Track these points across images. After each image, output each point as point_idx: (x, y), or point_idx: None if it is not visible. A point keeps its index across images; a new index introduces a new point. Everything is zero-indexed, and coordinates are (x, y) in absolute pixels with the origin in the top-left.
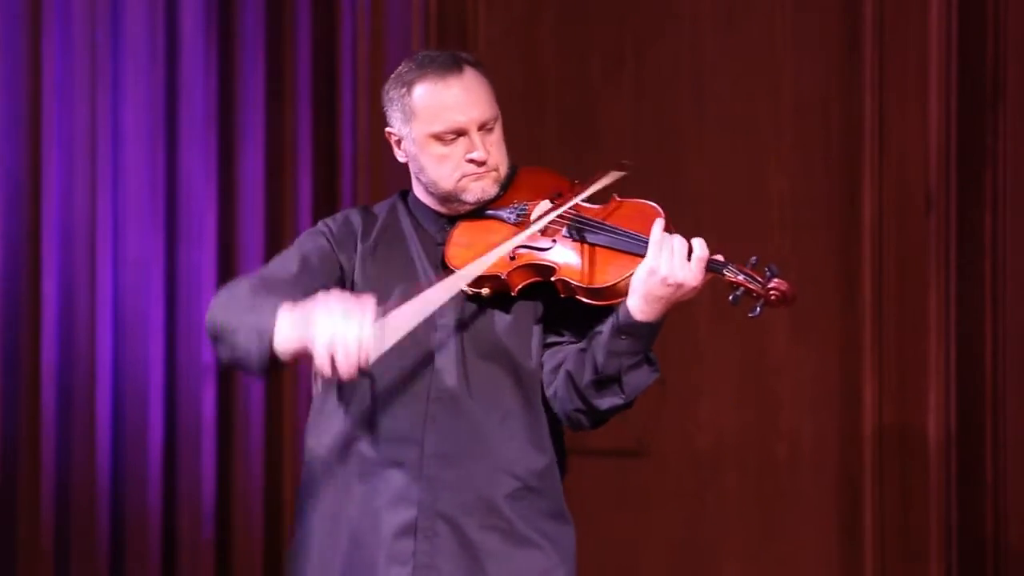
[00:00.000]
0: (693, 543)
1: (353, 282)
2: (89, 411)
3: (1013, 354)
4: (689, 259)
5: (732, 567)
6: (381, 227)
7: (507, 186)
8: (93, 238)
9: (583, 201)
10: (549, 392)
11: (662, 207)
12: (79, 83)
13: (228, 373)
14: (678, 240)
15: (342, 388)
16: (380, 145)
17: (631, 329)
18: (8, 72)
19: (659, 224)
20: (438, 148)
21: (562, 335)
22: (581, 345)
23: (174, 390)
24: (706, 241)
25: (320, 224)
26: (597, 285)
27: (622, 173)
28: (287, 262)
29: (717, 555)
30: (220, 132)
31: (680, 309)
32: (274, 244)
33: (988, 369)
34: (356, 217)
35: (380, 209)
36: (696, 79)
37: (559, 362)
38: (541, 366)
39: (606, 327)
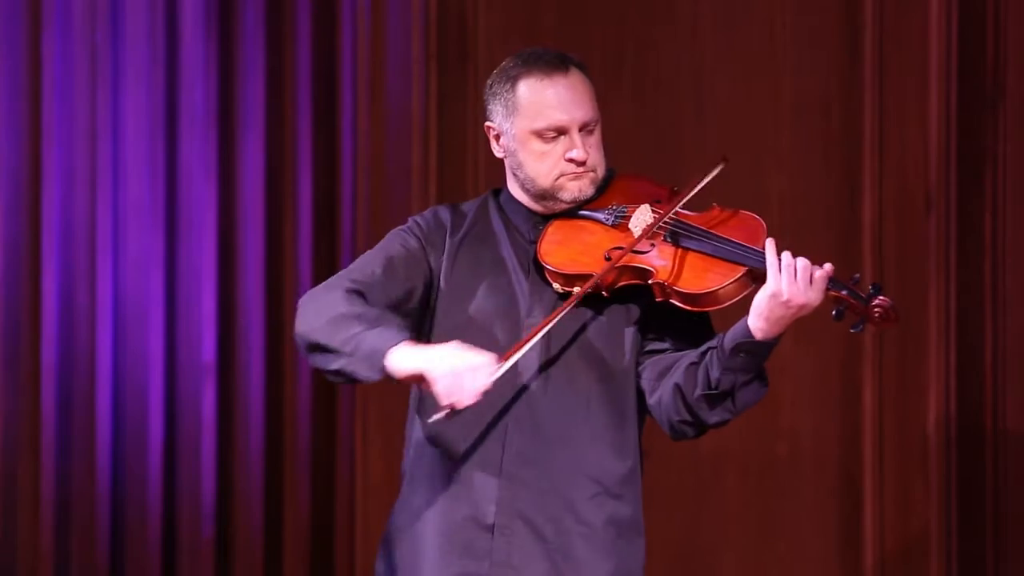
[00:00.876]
0: (693, 543)
1: (440, 280)
2: (89, 411)
3: (1013, 354)
4: (811, 280)
5: (732, 567)
6: (470, 224)
7: (603, 189)
8: (93, 238)
9: (683, 208)
10: (652, 400)
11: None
12: (79, 83)
13: (228, 373)
14: (800, 263)
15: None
16: (380, 145)
17: (750, 347)
18: (8, 72)
19: (771, 243)
20: (538, 145)
21: (664, 342)
22: (692, 359)
23: (174, 390)
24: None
25: (410, 221)
26: (695, 291)
27: (720, 167)
28: (372, 264)
29: (717, 555)
30: (220, 132)
31: None
32: (274, 244)
33: (988, 369)
34: (446, 214)
35: (470, 207)
36: (696, 79)
37: (663, 370)
38: (634, 370)
39: (723, 343)
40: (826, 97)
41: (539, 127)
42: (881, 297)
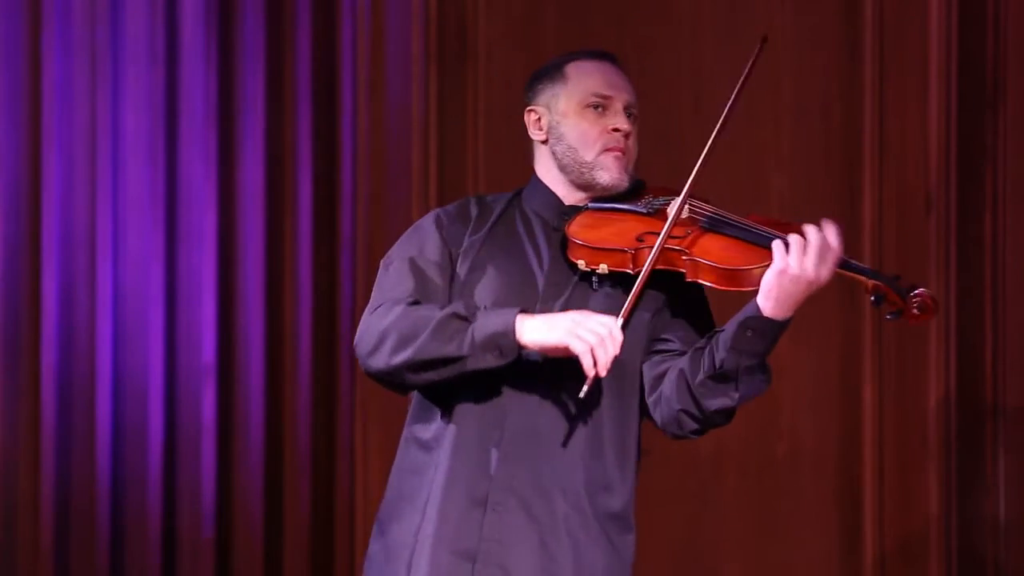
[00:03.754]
0: (693, 543)
1: (457, 273)
2: (89, 411)
3: (1013, 354)
4: (821, 256)
5: (732, 567)
6: (494, 220)
7: (632, 192)
8: (93, 238)
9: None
10: (651, 398)
11: None
12: (79, 83)
13: (228, 373)
14: (811, 238)
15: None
16: (380, 145)
17: (758, 324)
18: (8, 72)
19: (796, 231)
20: (585, 115)
21: (672, 342)
22: (698, 344)
23: (174, 390)
24: None
25: (436, 213)
26: (729, 266)
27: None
28: (404, 278)
29: (717, 555)
30: (220, 132)
31: None
32: (274, 244)
33: (988, 369)
34: (474, 208)
35: (497, 201)
36: (696, 79)
37: (663, 371)
38: (645, 360)
39: (730, 324)
40: (826, 97)
41: (587, 96)
42: (921, 289)
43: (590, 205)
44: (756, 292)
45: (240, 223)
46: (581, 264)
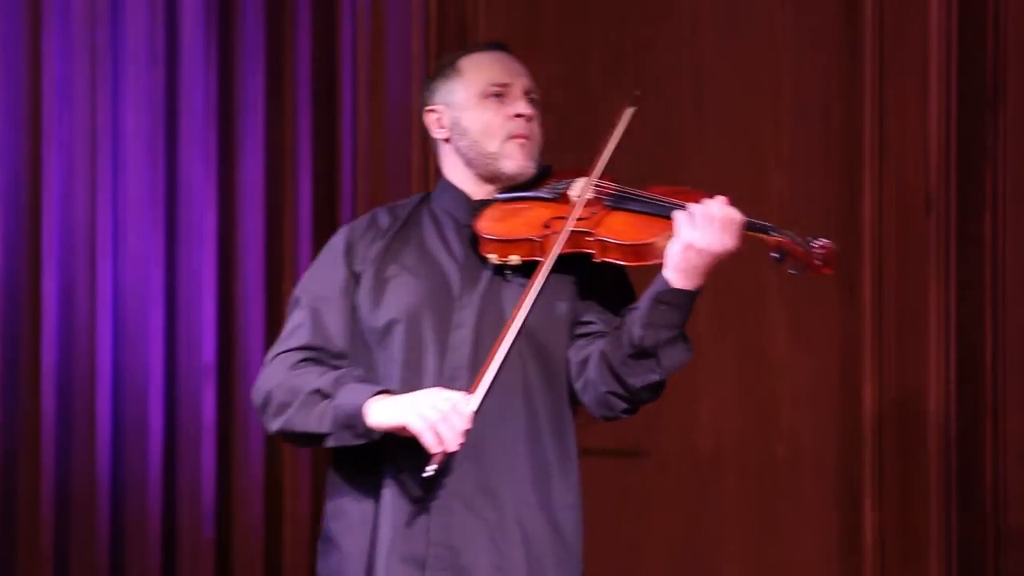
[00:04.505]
0: (693, 543)
1: (361, 285)
2: (89, 411)
3: (1013, 354)
4: (723, 226)
5: (732, 567)
6: (401, 224)
7: (540, 180)
8: (93, 238)
9: (625, 186)
10: (578, 384)
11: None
12: (79, 83)
13: (228, 373)
14: (714, 209)
15: (367, 365)
16: (380, 145)
17: (669, 297)
18: (8, 72)
19: (696, 199)
20: (484, 106)
21: (592, 324)
22: (615, 324)
23: (174, 390)
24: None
25: (344, 233)
26: (633, 242)
27: (635, 108)
28: (306, 319)
29: (717, 555)
30: (220, 132)
31: None
32: (274, 244)
33: (988, 369)
34: (384, 217)
35: (406, 205)
36: (696, 79)
37: (587, 355)
38: (565, 348)
39: (642, 300)
40: (826, 97)
41: (484, 86)
42: (824, 240)
43: (498, 197)
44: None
45: (240, 223)
46: (493, 258)
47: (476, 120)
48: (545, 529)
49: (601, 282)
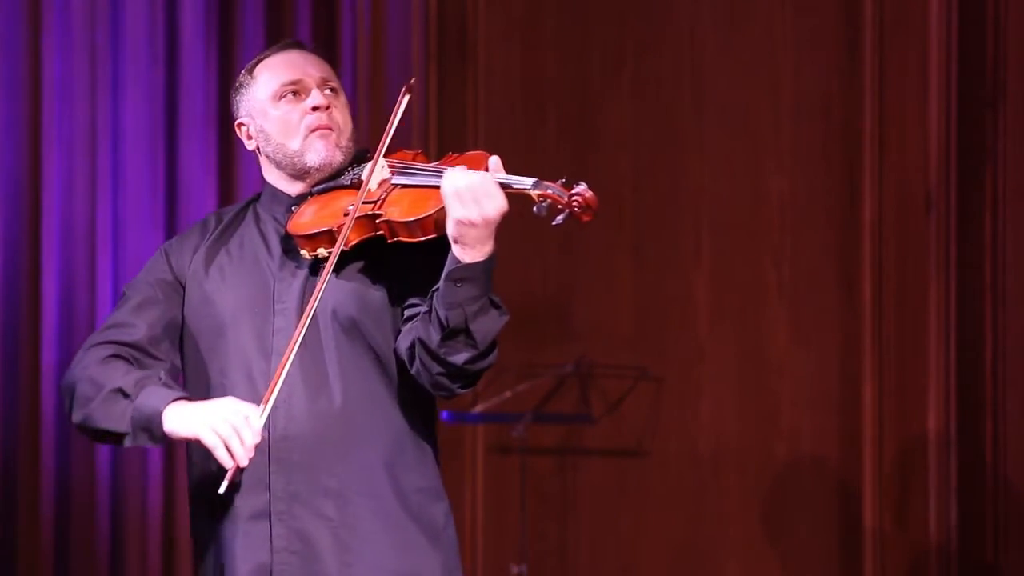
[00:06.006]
0: (693, 543)
1: (185, 293)
2: None
3: (1013, 354)
4: (483, 193)
5: (732, 567)
6: (223, 228)
7: (354, 163)
8: (93, 238)
9: (423, 158)
10: (412, 368)
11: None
12: (79, 83)
13: None
14: (464, 178)
15: (194, 373)
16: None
17: (462, 273)
18: (8, 72)
19: (456, 169)
20: (281, 107)
21: (417, 306)
22: (423, 309)
23: None
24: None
25: (162, 246)
26: (411, 217)
27: (408, 96)
28: (124, 314)
29: (717, 555)
30: (220, 132)
31: (679, 310)
32: None
33: (988, 369)
34: (212, 221)
35: (231, 210)
36: (696, 79)
37: (412, 339)
38: (393, 335)
39: (441, 280)
40: (826, 97)
41: (276, 87)
42: (583, 187)
43: (313, 191)
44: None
45: None
46: (305, 254)
47: (275, 122)
48: (399, 520)
49: (418, 262)
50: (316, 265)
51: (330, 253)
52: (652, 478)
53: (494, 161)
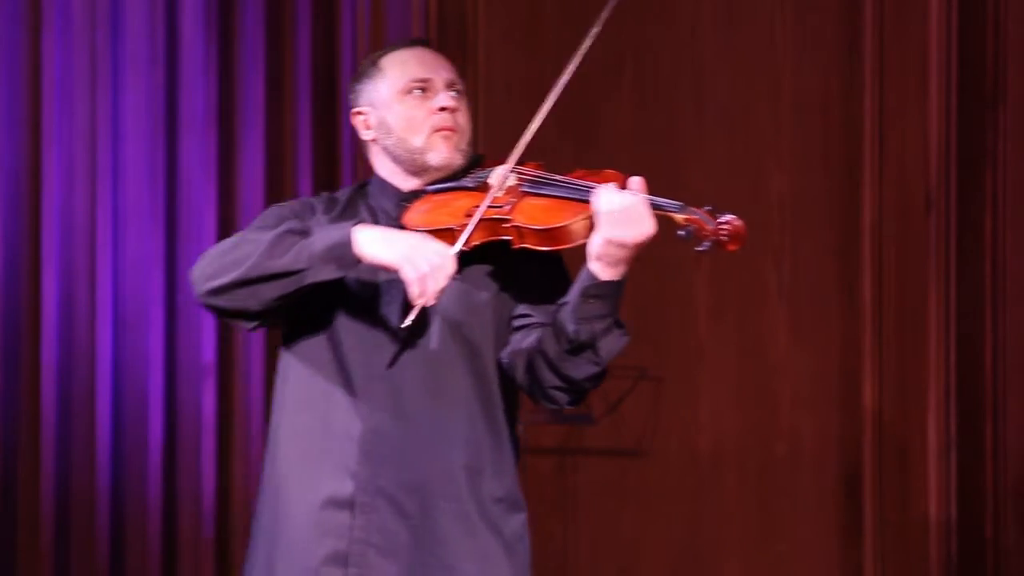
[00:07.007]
0: (693, 543)
1: None
2: (89, 411)
3: (1013, 354)
4: (636, 217)
5: (732, 567)
6: (340, 210)
7: (469, 169)
8: (93, 238)
9: (548, 170)
10: (519, 374)
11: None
12: (79, 83)
13: (228, 373)
14: (621, 200)
15: (303, 359)
16: None
17: (597, 290)
18: (8, 72)
19: (609, 187)
20: (407, 103)
21: (527, 316)
22: (548, 321)
23: (174, 390)
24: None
25: (278, 206)
26: (546, 226)
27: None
28: (255, 231)
29: (717, 555)
30: (220, 132)
31: (679, 310)
32: None
33: (988, 369)
34: (318, 203)
35: (342, 195)
36: (696, 79)
37: (527, 348)
38: (496, 343)
39: (571, 295)
40: (826, 97)
41: (405, 82)
42: (730, 216)
43: (427, 189)
44: (584, 247)
45: (240, 223)
46: None
47: (399, 117)
48: (476, 527)
49: (533, 273)
50: None
51: None
52: (652, 478)
53: (637, 181)
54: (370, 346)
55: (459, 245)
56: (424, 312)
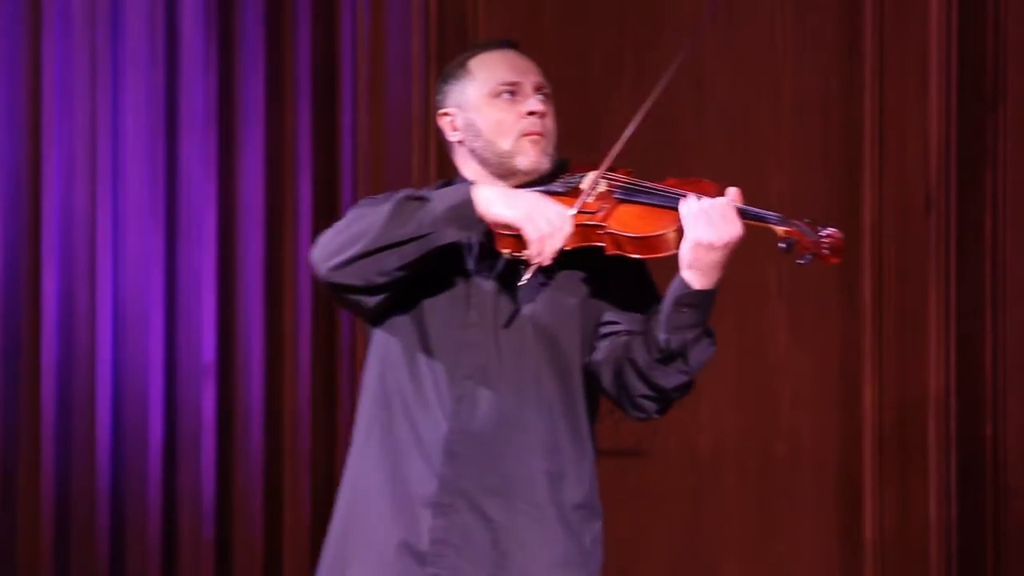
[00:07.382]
0: (693, 543)
1: None
2: (89, 411)
3: (1013, 354)
4: (722, 218)
5: (732, 567)
6: None
7: (556, 174)
8: (93, 238)
9: (639, 178)
10: (606, 382)
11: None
12: (79, 83)
13: (228, 373)
14: (707, 202)
15: (392, 355)
16: (380, 145)
17: (690, 299)
18: (8, 72)
19: (695, 196)
20: (496, 106)
21: (615, 324)
22: (639, 323)
23: (174, 390)
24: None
25: (366, 198)
26: (642, 234)
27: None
28: (376, 204)
29: (717, 555)
30: (220, 132)
31: None
32: (274, 244)
33: (988, 369)
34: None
35: (427, 192)
36: (696, 79)
37: (615, 356)
38: (582, 349)
39: (664, 304)
40: (826, 97)
41: (494, 85)
42: (831, 229)
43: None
44: (677, 255)
45: (240, 223)
46: (506, 253)
47: (488, 119)
48: (555, 533)
49: (621, 280)
50: (512, 264)
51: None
52: (652, 478)
53: (734, 191)
54: (459, 346)
55: (577, 207)
56: (515, 313)
